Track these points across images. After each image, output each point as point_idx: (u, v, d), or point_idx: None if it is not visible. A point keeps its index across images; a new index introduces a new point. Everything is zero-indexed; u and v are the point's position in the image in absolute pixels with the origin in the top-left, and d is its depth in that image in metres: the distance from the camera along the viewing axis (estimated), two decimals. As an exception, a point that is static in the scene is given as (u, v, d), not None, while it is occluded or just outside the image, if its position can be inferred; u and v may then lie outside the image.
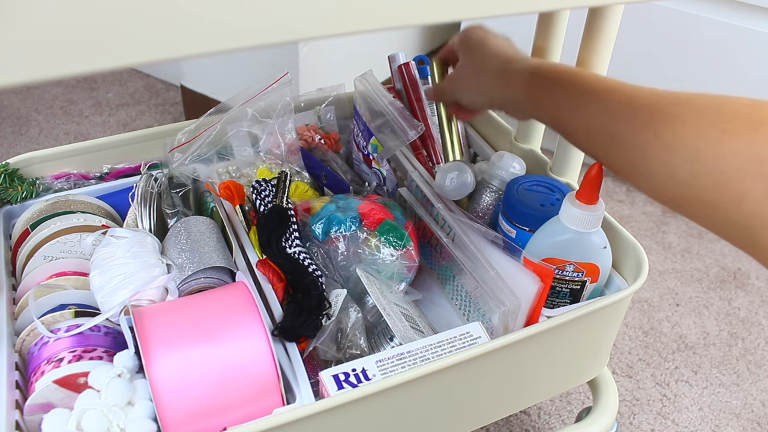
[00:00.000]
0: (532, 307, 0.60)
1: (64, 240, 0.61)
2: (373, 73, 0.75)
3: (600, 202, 0.58)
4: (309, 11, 0.26)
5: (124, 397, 0.47)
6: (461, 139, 0.81)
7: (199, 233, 0.61)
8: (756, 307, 1.07)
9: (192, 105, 1.34)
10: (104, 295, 0.55)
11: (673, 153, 0.40)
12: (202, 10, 0.24)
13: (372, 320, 0.62)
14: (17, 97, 1.44)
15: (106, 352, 0.53)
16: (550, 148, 0.74)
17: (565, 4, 0.40)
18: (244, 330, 0.51)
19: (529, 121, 0.75)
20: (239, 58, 1.21)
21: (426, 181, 0.70)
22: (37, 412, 0.49)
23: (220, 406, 0.49)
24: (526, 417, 0.88)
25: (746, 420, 0.90)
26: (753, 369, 0.97)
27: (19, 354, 0.54)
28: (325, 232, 0.62)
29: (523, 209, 0.64)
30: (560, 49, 0.69)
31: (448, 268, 0.66)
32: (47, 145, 1.31)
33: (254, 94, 0.74)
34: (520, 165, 0.70)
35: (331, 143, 0.79)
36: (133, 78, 1.53)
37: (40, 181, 0.69)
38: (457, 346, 0.55)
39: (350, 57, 1.24)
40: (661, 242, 1.18)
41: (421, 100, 0.78)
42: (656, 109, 0.42)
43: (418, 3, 0.28)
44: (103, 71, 0.23)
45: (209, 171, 0.72)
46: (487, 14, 0.31)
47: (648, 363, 0.97)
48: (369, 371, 0.52)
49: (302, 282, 0.58)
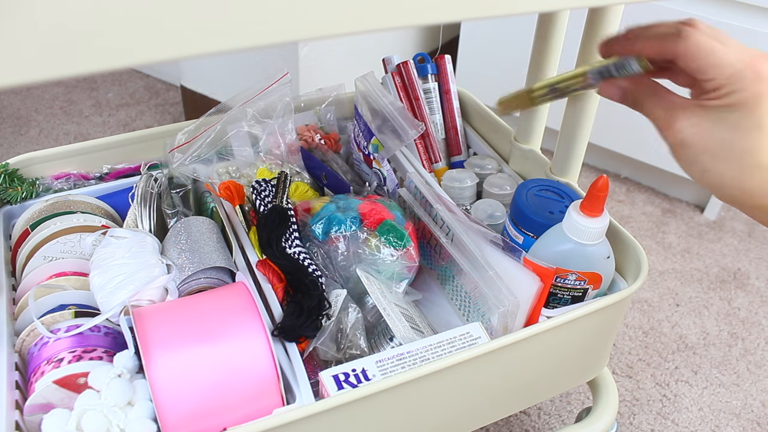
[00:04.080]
0: (532, 307, 0.60)
1: (64, 240, 0.61)
2: (374, 74, 0.75)
3: (605, 214, 0.57)
4: (309, 11, 0.26)
5: (124, 397, 0.47)
6: (461, 138, 0.81)
7: (199, 233, 0.61)
8: (756, 308, 1.07)
9: (192, 105, 1.34)
10: (104, 296, 0.55)
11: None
12: (202, 10, 0.24)
13: (372, 320, 0.62)
14: (17, 97, 1.44)
15: (106, 352, 0.53)
16: (550, 148, 0.74)
17: (565, 4, 0.40)
18: (244, 330, 0.51)
19: (530, 122, 0.75)
20: (239, 58, 1.21)
21: (425, 181, 0.70)
22: (37, 412, 0.49)
23: (220, 407, 0.49)
24: (526, 417, 0.88)
25: (746, 420, 0.90)
26: (753, 369, 0.97)
27: (19, 354, 0.54)
28: (325, 232, 0.62)
29: (532, 216, 0.63)
30: (560, 49, 0.69)
31: (447, 268, 0.66)
32: (47, 145, 1.31)
33: (254, 94, 0.74)
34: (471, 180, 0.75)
35: (331, 143, 0.79)
36: (133, 78, 1.53)
37: (40, 181, 0.69)
38: (457, 347, 0.55)
39: (350, 57, 1.24)
40: (661, 242, 1.18)
41: (419, 98, 0.78)
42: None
43: (418, 3, 0.28)
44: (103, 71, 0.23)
45: (209, 171, 0.72)
46: (487, 14, 0.31)
47: (648, 363, 0.97)
48: (369, 371, 0.52)
49: (302, 282, 0.58)
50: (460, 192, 0.74)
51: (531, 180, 0.68)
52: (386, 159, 0.72)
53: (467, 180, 0.74)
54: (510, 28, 1.25)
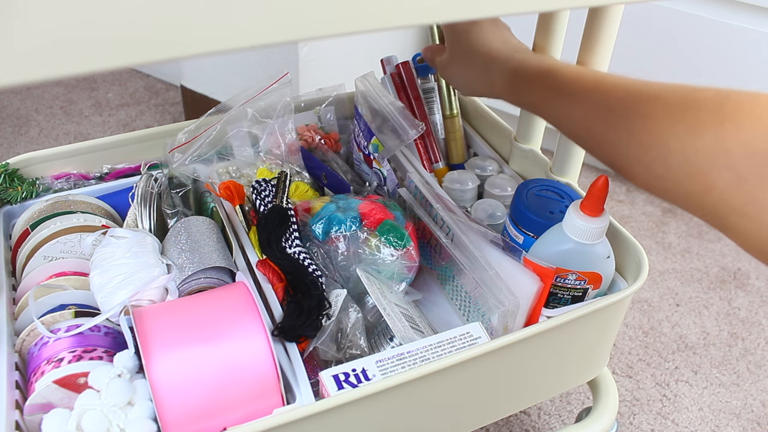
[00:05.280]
0: (532, 307, 0.60)
1: (64, 240, 0.61)
2: (374, 74, 0.75)
3: (605, 214, 0.57)
4: (309, 11, 0.26)
5: (124, 397, 0.47)
6: (461, 138, 0.81)
7: (199, 233, 0.61)
8: (756, 307, 1.07)
9: (192, 105, 1.34)
10: (104, 295, 0.55)
11: (647, 150, 0.43)
12: (202, 10, 0.24)
13: (372, 320, 0.62)
14: (17, 97, 1.44)
15: (106, 352, 0.53)
16: (550, 148, 0.74)
17: (565, 4, 0.40)
18: (244, 330, 0.51)
19: (530, 122, 0.75)
20: (239, 58, 1.21)
21: (425, 181, 0.70)
22: (37, 412, 0.49)
23: (220, 407, 0.49)
24: (526, 417, 0.88)
25: (746, 420, 0.90)
26: (753, 369, 0.97)
27: (19, 354, 0.54)
28: (326, 232, 0.62)
29: (532, 216, 0.63)
30: (560, 49, 0.69)
31: (447, 268, 0.66)
32: (47, 145, 1.31)
33: (254, 94, 0.74)
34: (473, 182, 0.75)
35: (331, 143, 0.79)
36: (133, 78, 1.53)
37: (40, 181, 0.69)
38: (457, 346, 0.55)
39: (350, 57, 1.24)
40: (661, 242, 1.18)
41: (419, 98, 0.78)
42: (628, 108, 0.45)
43: (418, 3, 0.28)
44: (103, 71, 0.23)
45: (209, 171, 0.72)
46: (487, 14, 0.31)
47: (648, 363, 0.97)
48: (369, 371, 0.52)
49: (302, 282, 0.58)
50: (462, 195, 0.74)
51: (531, 180, 0.68)
52: (386, 159, 0.72)
53: (469, 182, 0.74)
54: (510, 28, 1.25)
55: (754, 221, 0.37)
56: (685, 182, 0.41)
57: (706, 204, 0.40)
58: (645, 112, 0.44)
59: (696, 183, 0.40)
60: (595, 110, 0.48)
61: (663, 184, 0.43)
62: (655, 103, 0.43)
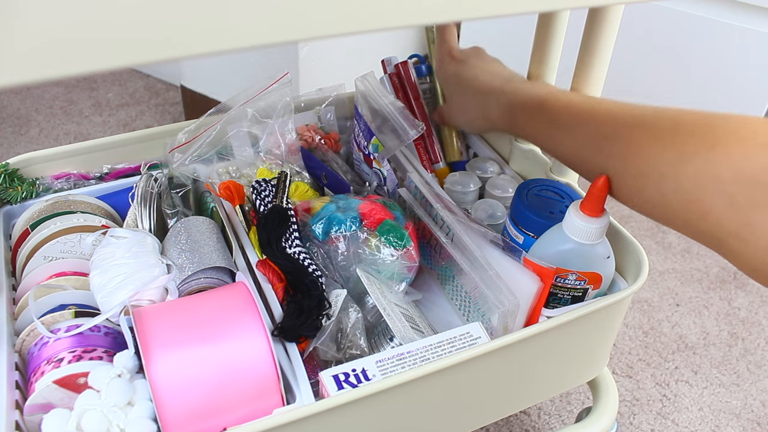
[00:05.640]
0: (532, 307, 0.60)
1: (64, 240, 0.61)
2: (374, 74, 0.75)
3: (605, 214, 0.57)
4: (309, 11, 0.26)
5: (124, 397, 0.47)
6: (460, 138, 0.81)
7: (199, 233, 0.61)
8: (756, 307, 1.07)
9: (192, 105, 1.34)
10: (104, 295, 0.55)
11: (641, 178, 0.45)
12: (202, 10, 0.24)
13: (372, 320, 0.62)
14: (17, 97, 1.44)
15: (106, 352, 0.53)
16: (550, 148, 0.74)
17: (565, 4, 0.40)
18: (244, 330, 0.51)
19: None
20: (239, 58, 1.21)
21: (425, 181, 0.70)
22: (37, 412, 0.49)
23: (220, 407, 0.49)
24: (526, 417, 0.88)
25: (746, 420, 0.90)
26: (753, 369, 0.97)
27: (19, 354, 0.54)
28: (325, 232, 0.62)
29: (532, 216, 0.63)
30: (560, 49, 0.69)
31: (447, 268, 0.66)
32: (47, 145, 1.31)
33: (254, 94, 0.74)
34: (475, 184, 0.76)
35: (331, 143, 0.79)
36: (133, 78, 1.53)
37: (40, 181, 0.69)
38: (457, 347, 0.55)
39: (350, 57, 1.24)
40: (661, 242, 1.18)
41: (419, 98, 0.78)
42: (619, 136, 0.46)
43: (418, 3, 0.28)
44: (103, 71, 0.23)
45: (209, 171, 0.72)
46: (487, 14, 0.31)
47: (648, 363, 0.97)
48: (369, 371, 0.52)
49: (302, 282, 0.58)
50: (463, 197, 0.74)
51: (531, 180, 0.68)
52: (386, 159, 0.72)
53: (470, 184, 0.74)
54: (510, 28, 1.25)
55: (749, 244, 0.38)
56: (681, 210, 0.42)
57: (704, 230, 0.41)
58: (636, 140, 0.44)
59: (692, 210, 0.41)
60: (588, 140, 0.49)
61: (661, 211, 0.44)
62: (645, 130, 0.44)
